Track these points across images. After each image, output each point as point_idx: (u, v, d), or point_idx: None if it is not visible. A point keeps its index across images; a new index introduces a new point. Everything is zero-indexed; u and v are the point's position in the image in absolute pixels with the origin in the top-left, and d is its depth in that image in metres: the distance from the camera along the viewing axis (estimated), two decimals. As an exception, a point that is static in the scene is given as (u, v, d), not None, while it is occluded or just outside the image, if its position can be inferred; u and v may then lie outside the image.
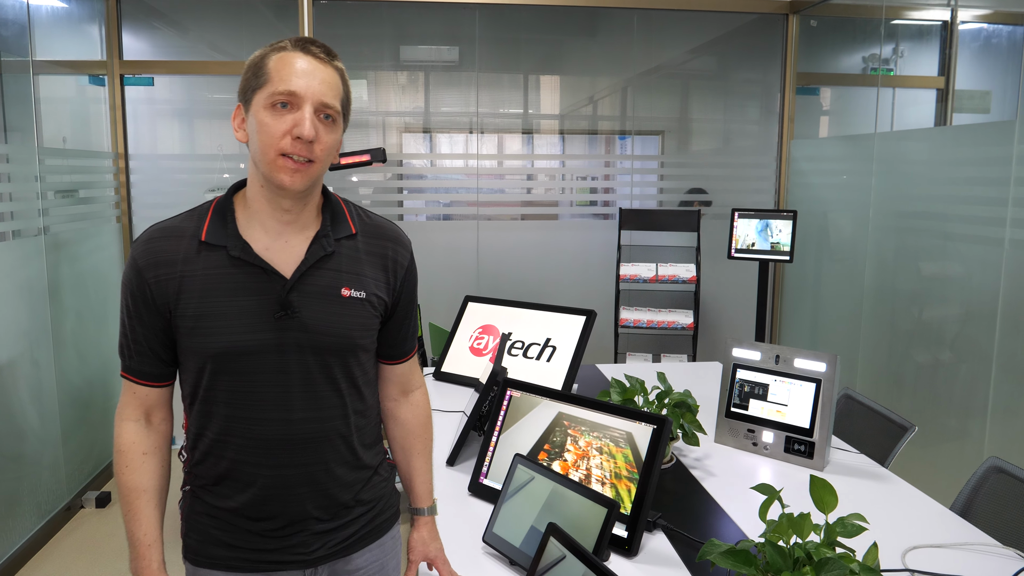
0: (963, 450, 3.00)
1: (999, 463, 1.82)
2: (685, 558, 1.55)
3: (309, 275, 1.19)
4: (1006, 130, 2.76)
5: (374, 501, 1.33)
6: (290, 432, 1.20)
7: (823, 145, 4.30)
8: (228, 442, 1.20)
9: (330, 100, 1.12)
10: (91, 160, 3.81)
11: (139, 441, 1.21)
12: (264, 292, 1.16)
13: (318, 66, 1.12)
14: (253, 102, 1.12)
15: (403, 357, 1.38)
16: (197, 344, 1.16)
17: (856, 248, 3.80)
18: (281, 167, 1.11)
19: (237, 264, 1.16)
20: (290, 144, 1.10)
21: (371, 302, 1.25)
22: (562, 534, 1.27)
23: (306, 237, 1.21)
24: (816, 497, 1.28)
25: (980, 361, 2.91)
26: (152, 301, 1.16)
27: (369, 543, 1.32)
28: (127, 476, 1.20)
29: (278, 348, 1.17)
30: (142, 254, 1.16)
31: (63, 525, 3.31)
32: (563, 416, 1.80)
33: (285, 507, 1.23)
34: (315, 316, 1.18)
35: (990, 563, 1.54)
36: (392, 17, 4.25)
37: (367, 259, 1.26)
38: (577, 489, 1.48)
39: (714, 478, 1.97)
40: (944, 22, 3.96)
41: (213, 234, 1.17)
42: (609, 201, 4.55)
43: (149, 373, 1.20)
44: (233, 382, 1.17)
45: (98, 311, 3.79)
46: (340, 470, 1.26)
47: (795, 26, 4.36)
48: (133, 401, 1.21)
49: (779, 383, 2.12)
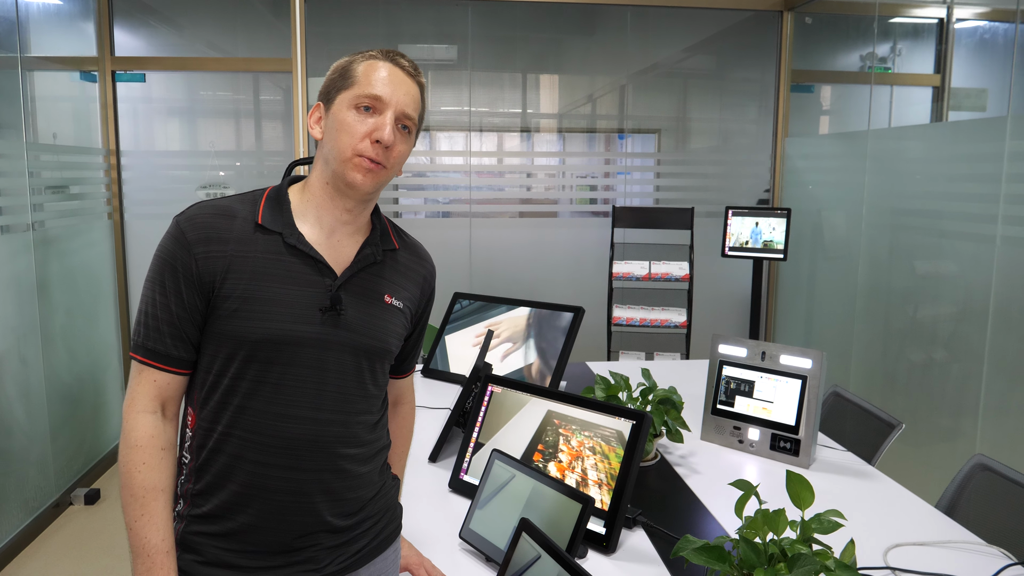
0: (955, 449, 2.98)
1: (984, 460, 1.80)
2: (664, 555, 1.53)
3: (357, 277, 1.19)
4: (998, 126, 2.74)
5: (381, 513, 1.30)
6: (319, 432, 1.15)
7: (817, 142, 4.28)
8: (246, 439, 1.13)
9: (410, 111, 1.16)
10: (82, 156, 3.80)
11: (157, 435, 1.11)
12: (313, 285, 1.14)
13: (404, 78, 1.16)
14: (336, 101, 1.15)
15: (407, 373, 1.43)
16: (236, 328, 1.11)
17: (850, 246, 3.78)
18: (356, 165, 1.13)
19: (291, 252, 1.14)
20: (369, 146, 1.13)
21: (405, 313, 1.27)
22: (534, 530, 1.26)
23: (357, 241, 1.22)
24: (792, 493, 1.26)
25: (972, 359, 2.89)
26: (197, 278, 1.10)
27: (375, 556, 1.28)
28: (144, 474, 1.10)
29: (321, 343, 1.14)
30: (191, 228, 1.11)
31: (51, 522, 3.30)
32: (553, 415, 1.78)
33: (298, 517, 1.16)
34: (359, 317, 1.18)
35: (974, 561, 1.52)
36: (385, 15, 4.24)
37: (407, 273, 1.28)
38: (553, 485, 1.46)
39: (698, 475, 1.95)
40: (939, 19, 3.94)
41: (269, 219, 1.15)
42: (608, 199, 4.53)
43: (176, 357, 1.12)
44: (264, 373, 1.12)
45: (89, 308, 3.78)
46: (353, 478, 1.22)
47: (790, 23, 4.34)
48: (151, 390, 1.12)
49: (765, 380, 2.10)
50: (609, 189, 4.54)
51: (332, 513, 1.19)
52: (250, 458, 1.13)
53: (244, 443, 1.13)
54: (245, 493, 1.14)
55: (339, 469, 1.19)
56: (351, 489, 1.21)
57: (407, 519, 1.65)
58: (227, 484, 1.14)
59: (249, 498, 1.14)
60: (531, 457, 1.74)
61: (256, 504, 1.14)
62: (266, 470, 1.14)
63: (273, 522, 1.15)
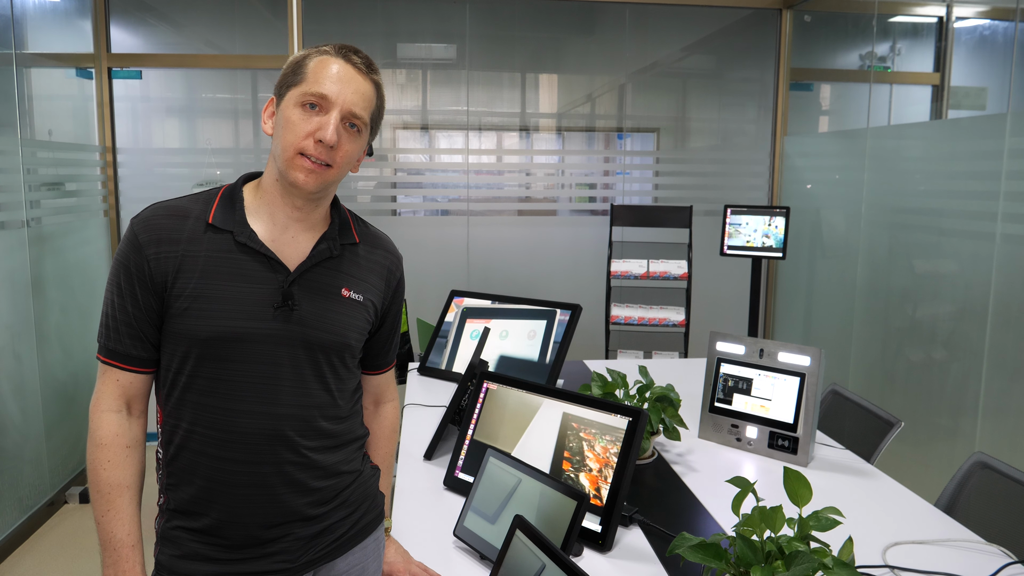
0: (954, 448, 2.96)
1: (984, 459, 1.78)
2: (660, 553, 1.51)
3: (312, 272, 1.19)
4: (998, 124, 2.73)
5: (358, 502, 1.29)
6: (275, 426, 1.15)
7: (816, 141, 4.27)
8: (207, 436, 1.14)
9: (359, 111, 1.14)
10: (78, 153, 3.78)
11: (122, 433, 1.14)
12: (265, 282, 1.14)
13: (355, 75, 1.14)
14: (285, 98, 1.14)
15: (383, 368, 1.41)
16: (187, 326, 1.11)
17: (848, 244, 3.76)
18: (298, 166, 1.12)
19: (242, 250, 1.14)
20: (312, 145, 1.12)
21: (367, 307, 1.26)
22: (528, 527, 1.24)
23: (312, 236, 1.21)
24: (790, 490, 1.25)
25: (971, 358, 2.88)
26: (149, 278, 1.12)
27: (353, 546, 1.28)
28: (109, 472, 1.12)
29: (272, 339, 1.14)
30: (143, 230, 1.13)
31: (45, 520, 3.28)
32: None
33: (264, 509, 1.16)
34: (314, 312, 1.17)
35: (973, 560, 1.50)
36: (383, 13, 4.22)
37: (367, 266, 1.27)
38: (547, 481, 1.45)
39: (695, 473, 1.94)
40: (939, 18, 3.93)
41: (220, 218, 1.15)
42: (607, 197, 4.52)
43: (135, 357, 1.14)
44: (218, 370, 1.13)
45: (84, 305, 3.76)
46: (320, 468, 1.21)
47: (789, 22, 4.32)
48: (115, 390, 1.14)
49: (763, 377, 2.09)
50: (608, 187, 4.52)
51: (303, 503, 1.19)
52: (211, 453, 1.15)
53: (204, 439, 1.15)
54: (210, 488, 1.16)
55: (303, 461, 1.19)
56: (319, 478, 1.21)
57: (401, 517, 1.64)
58: (193, 479, 1.16)
59: (214, 493, 1.15)
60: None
61: (221, 499, 1.15)
62: (227, 465, 1.15)
63: (241, 516, 1.16)
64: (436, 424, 2.24)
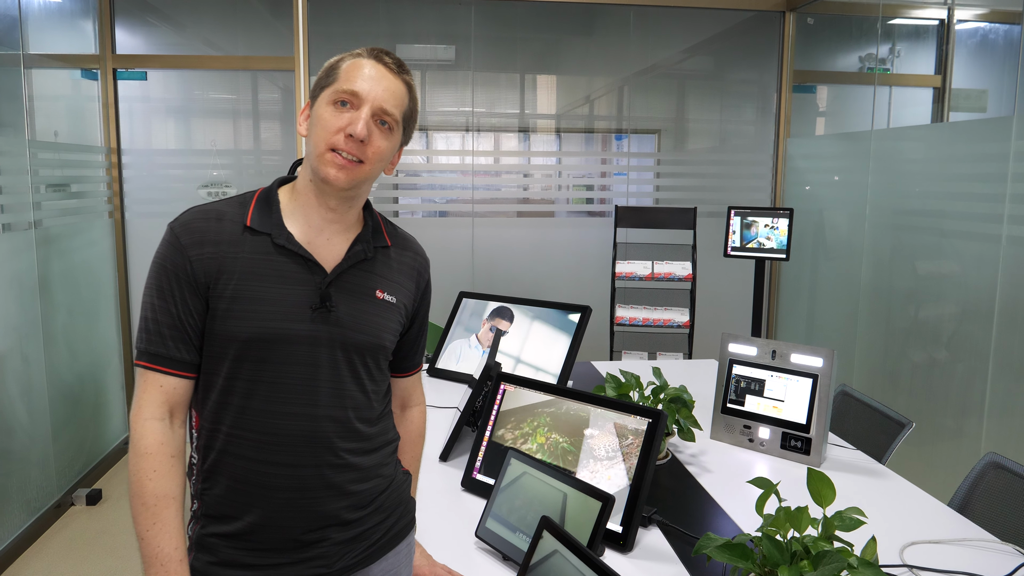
0: (959, 448, 2.98)
1: (998, 459, 1.80)
2: (681, 553, 1.53)
3: (347, 273, 1.20)
4: (1003, 126, 2.75)
5: (392, 507, 1.30)
6: (315, 427, 1.16)
7: (819, 143, 4.29)
8: (247, 438, 1.14)
9: (389, 107, 1.15)
10: (83, 154, 3.78)
11: (166, 442, 1.11)
12: (303, 283, 1.15)
13: (386, 74, 1.16)
14: (319, 98, 1.17)
15: (410, 371, 1.41)
16: (228, 328, 1.12)
17: (852, 246, 3.79)
18: (329, 161, 1.13)
19: (280, 252, 1.15)
20: (342, 140, 1.13)
21: (399, 308, 1.27)
22: (556, 528, 1.25)
23: (347, 238, 1.22)
24: (814, 490, 1.26)
25: (977, 358, 2.90)
26: (193, 280, 1.12)
27: (387, 552, 1.28)
28: (155, 482, 1.09)
29: (311, 340, 1.15)
30: (184, 233, 1.13)
31: (53, 522, 3.28)
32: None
33: (304, 512, 1.16)
34: (350, 313, 1.18)
35: (988, 559, 1.52)
36: (387, 14, 4.23)
37: (398, 268, 1.28)
38: (571, 483, 1.46)
39: (710, 474, 1.95)
40: (941, 20, 3.95)
41: (258, 220, 1.16)
42: (605, 199, 4.54)
43: (179, 360, 1.13)
44: (258, 371, 1.13)
45: (90, 306, 3.76)
46: (357, 471, 1.22)
47: (792, 24, 4.35)
48: (158, 396, 1.13)
49: (776, 379, 2.10)
50: (605, 189, 4.53)
51: (341, 506, 1.19)
52: (251, 456, 1.14)
53: (243, 442, 1.14)
54: (249, 492, 1.15)
55: (340, 464, 1.19)
56: (356, 482, 1.22)
57: (421, 519, 1.64)
58: (232, 484, 1.15)
59: (253, 496, 1.15)
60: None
61: (261, 502, 1.15)
62: (267, 467, 1.15)
63: (279, 519, 1.16)
64: (446, 425, 2.25)
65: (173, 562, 1.10)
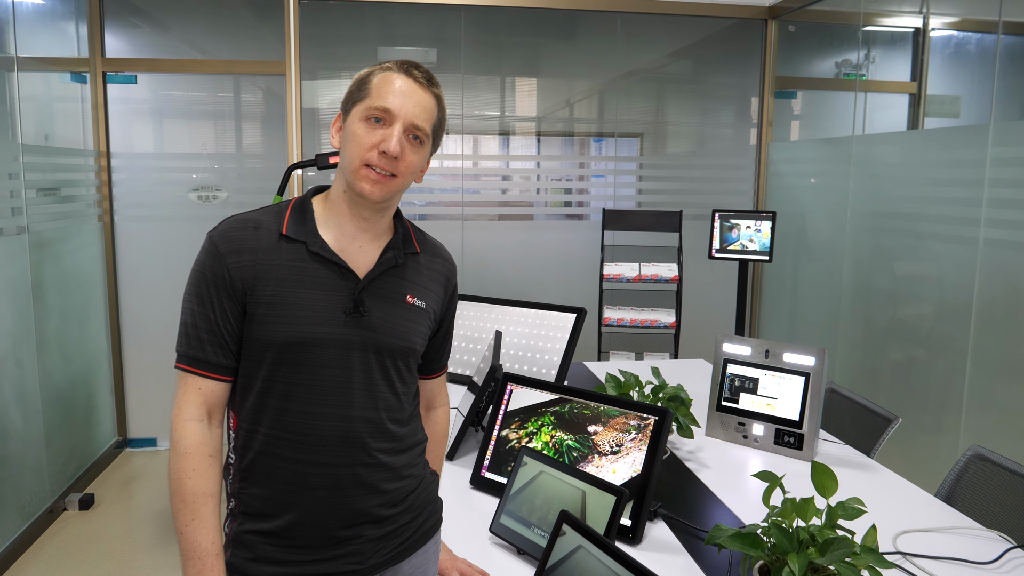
0: (939, 444, 3.10)
1: (981, 451, 1.90)
2: (686, 544, 1.59)
3: (380, 279, 1.25)
4: (980, 133, 2.86)
5: (422, 506, 1.35)
6: (349, 428, 1.21)
7: (801, 147, 4.41)
8: (284, 439, 1.18)
9: (420, 122, 1.20)
10: (72, 158, 3.77)
11: (205, 442, 1.17)
12: (337, 289, 1.20)
13: (416, 89, 1.20)
14: (352, 113, 1.20)
15: (436, 373, 1.46)
16: (266, 332, 1.16)
17: (834, 248, 3.90)
18: (364, 176, 1.18)
19: (315, 259, 1.20)
20: (376, 157, 1.17)
21: (428, 313, 1.32)
22: (576, 521, 1.31)
23: (379, 245, 1.27)
24: (817, 482, 1.33)
25: (956, 357, 3.01)
26: (230, 286, 1.16)
27: (416, 550, 1.33)
28: (194, 481, 1.15)
29: (345, 344, 1.20)
30: (223, 241, 1.18)
31: (46, 528, 3.27)
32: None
33: (339, 511, 1.21)
34: (382, 318, 1.23)
35: (976, 546, 1.61)
36: (378, 18, 4.27)
37: (428, 273, 1.33)
38: (588, 479, 1.52)
39: (708, 470, 2.03)
40: (917, 29, 4.08)
41: (293, 229, 1.21)
42: (583, 202, 4.61)
43: (218, 364, 1.19)
44: (294, 374, 1.18)
45: (81, 311, 3.75)
46: (389, 470, 1.26)
47: (774, 31, 4.46)
48: (197, 398, 1.18)
49: (769, 377, 2.18)
50: (583, 192, 4.61)
51: (374, 504, 1.24)
52: (288, 456, 1.19)
53: (281, 442, 1.19)
54: (286, 490, 1.20)
55: (373, 463, 1.24)
56: (388, 481, 1.26)
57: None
58: (270, 483, 1.20)
59: (291, 495, 1.20)
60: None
61: (299, 501, 1.20)
62: (304, 467, 1.19)
63: (316, 517, 1.20)
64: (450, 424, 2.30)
65: (210, 556, 1.15)
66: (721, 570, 1.50)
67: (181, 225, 4.10)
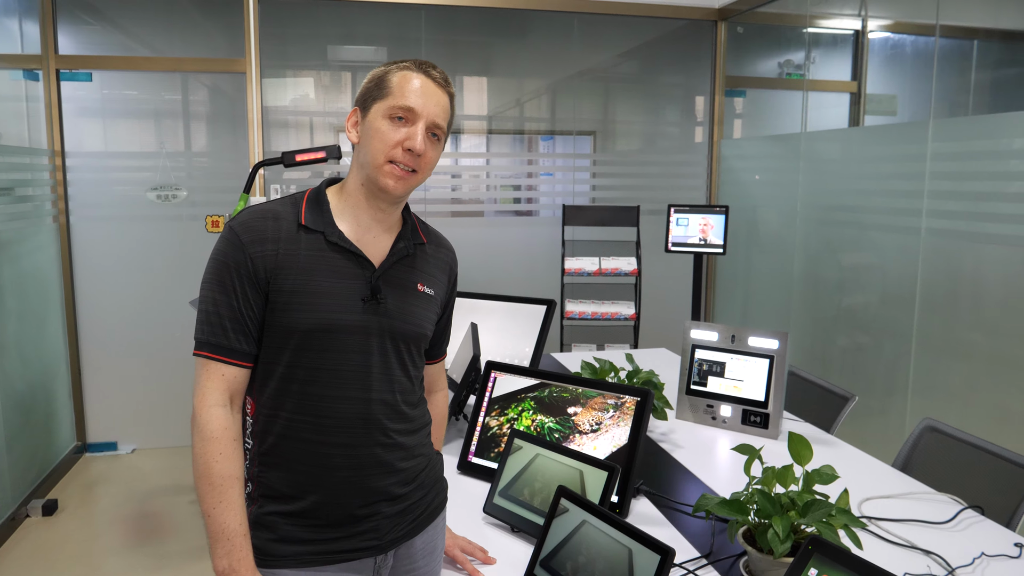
0: (887, 423, 3.29)
1: (933, 423, 2.05)
2: (668, 516, 1.69)
3: (393, 268, 1.30)
4: (920, 129, 3.06)
5: (431, 484, 1.41)
6: (368, 410, 1.26)
7: (752, 144, 4.58)
8: (307, 422, 1.23)
9: (440, 121, 1.26)
10: (26, 157, 3.68)
11: (229, 427, 1.21)
12: (355, 277, 1.25)
13: (435, 89, 1.26)
14: (372, 110, 1.25)
15: (437, 358, 1.52)
16: (289, 319, 1.21)
17: (785, 240, 4.08)
18: (388, 172, 1.24)
19: (333, 248, 1.25)
20: (401, 154, 1.23)
21: (435, 300, 1.38)
22: (573, 495, 1.39)
23: (391, 236, 1.33)
24: (794, 451, 1.44)
25: (901, 340, 3.21)
26: (254, 275, 1.20)
27: (427, 525, 1.39)
28: (221, 464, 1.18)
29: (364, 329, 1.25)
30: (244, 232, 1.21)
31: (9, 536, 3.20)
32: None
33: (359, 489, 1.26)
34: (397, 305, 1.29)
35: (931, 508, 1.75)
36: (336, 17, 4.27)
37: (434, 263, 1.40)
38: (577, 456, 1.60)
39: (681, 449, 2.13)
40: (856, 31, 4.30)
41: (311, 219, 1.26)
42: (531, 198, 4.71)
43: (242, 351, 1.22)
44: (317, 359, 1.22)
45: (38, 314, 3.67)
46: (403, 449, 1.32)
47: (723, 32, 4.62)
48: (220, 384, 1.21)
49: (735, 360, 2.31)
50: (531, 189, 4.71)
51: (390, 482, 1.30)
52: (311, 439, 1.24)
53: (303, 426, 1.24)
54: (309, 472, 1.25)
55: (390, 443, 1.30)
56: (403, 460, 1.32)
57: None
58: (293, 465, 1.25)
59: (314, 476, 1.25)
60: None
61: (321, 481, 1.25)
62: (326, 449, 1.24)
63: (337, 496, 1.26)
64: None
65: (238, 536, 1.18)
66: (703, 539, 1.60)
67: (139, 225, 4.04)
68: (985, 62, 3.44)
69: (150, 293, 4.10)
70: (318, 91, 4.32)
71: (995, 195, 2.78)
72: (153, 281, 4.09)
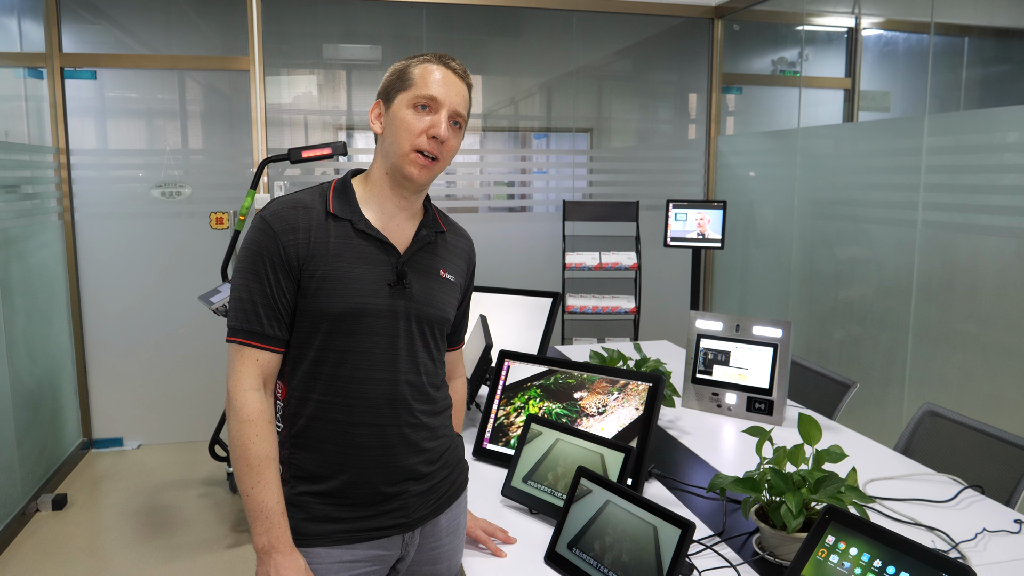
0: (885, 411, 3.36)
1: (932, 408, 2.12)
2: (680, 498, 1.75)
3: (417, 255, 1.36)
4: (916, 124, 3.13)
5: (455, 464, 1.47)
6: (396, 391, 1.31)
7: (749, 140, 4.65)
8: (337, 404, 1.27)
9: (461, 110, 1.32)
10: (31, 155, 3.70)
11: (264, 410, 1.25)
12: (381, 263, 1.30)
13: (455, 79, 1.32)
14: (395, 101, 1.30)
15: (456, 345, 1.58)
16: (320, 304, 1.25)
17: (782, 234, 4.15)
18: (412, 161, 1.29)
19: (360, 236, 1.30)
20: (426, 142, 1.28)
21: (456, 286, 1.44)
22: (592, 474, 1.45)
23: (414, 224, 1.38)
24: (804, 431, 1.50)
25: (899, 331, 3.28)
26: (286, 263, 1.25)
27: (451, 503, 1.45)
28: (258, 446, 1.23)
29: (391, 313, 1.30)
30: (275, 220, 1.26)
31: (21, 529, 3.23)
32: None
33: (388, 468, 1.31)
34: (422, 290, 1.34)
35: (933, 488, 1.81)
36: (339, 16, 4.31)
37: (454, 250, 1.46)
38: (594, 439, 1.65)
39: (689, 435, 2.19)
40: (850, 28, 4.37)
41: (339, 208, 1.31)
42: (525, 194, 4.77)
43: (276, 337, 1.27)
44: (347, 342, 1.27)
45: (45, 310, 3.70)
46: (428, 430, 1.37)
47: (720, 30, 4.69)
48: (254, 369, 1.26)
49: (740, 349, 2.36)
50: (524, 185, 4.77)
51: (417, 461, 1.35)
52: (341, 420, 1.29)
53: (334, 407, 1.29)
54: (340, 452, 1.30)
55: (416, 423, 1.35)
56: (428, 439, 1.38)
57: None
58: (323, 447, 1.30)
59: (345, 456, 1.30)
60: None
61: (351, 461, 1.30)
62: (356, 429, 1.29)
63: (368, 476, 1.31)
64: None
65: (276, 514, 1.23)
66: (715, 519, 1.65)
67: (143, 222, 4.07)
68: (976, 59, 3.51)
69: (154, 289, 4.13)
70: (319, 89, 4.35)
71: (989, 188, 2.85)
72: (157, 277, 4.13)
